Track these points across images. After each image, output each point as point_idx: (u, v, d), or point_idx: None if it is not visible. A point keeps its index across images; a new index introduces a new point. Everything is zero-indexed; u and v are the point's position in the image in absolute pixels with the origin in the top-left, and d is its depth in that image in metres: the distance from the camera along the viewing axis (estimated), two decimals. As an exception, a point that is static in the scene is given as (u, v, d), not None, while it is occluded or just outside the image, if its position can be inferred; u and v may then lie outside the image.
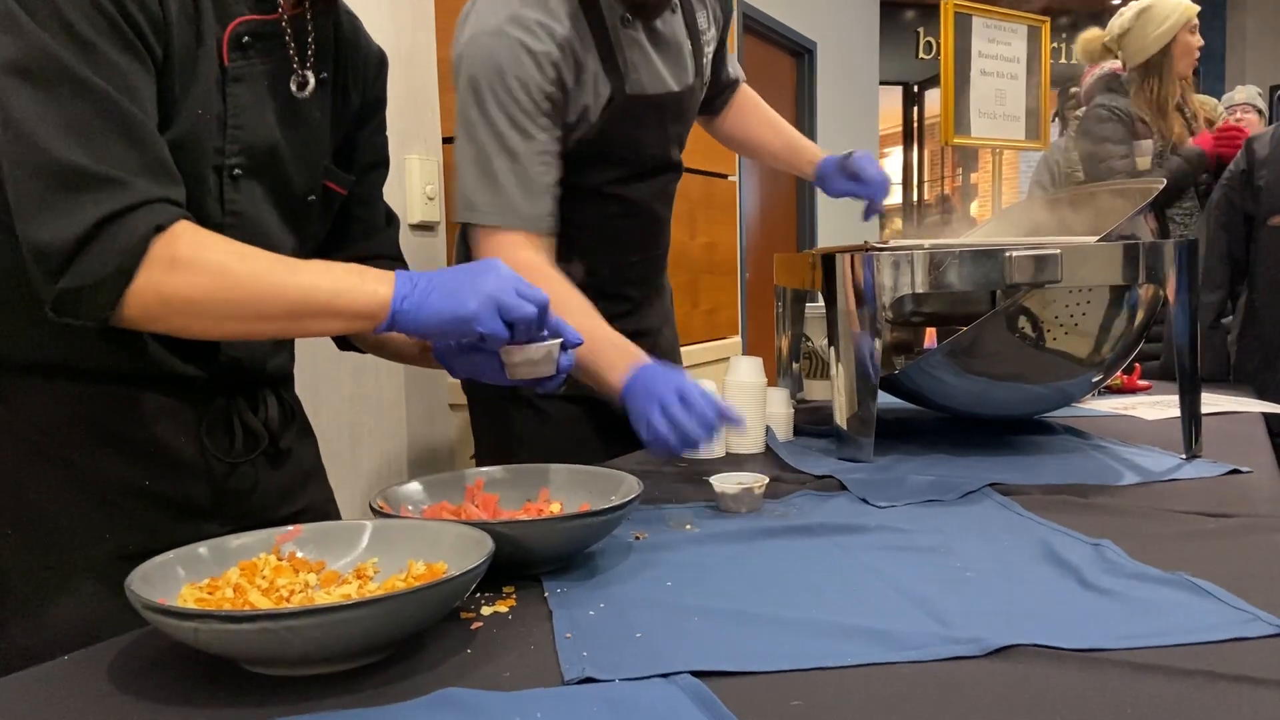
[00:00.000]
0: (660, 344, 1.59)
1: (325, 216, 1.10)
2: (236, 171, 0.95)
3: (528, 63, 1.28)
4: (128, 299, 0.81)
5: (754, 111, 1.82)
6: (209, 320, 0.85)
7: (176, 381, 0.97)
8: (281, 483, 1.07)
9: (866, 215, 1.72)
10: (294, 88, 0.99)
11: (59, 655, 0.72)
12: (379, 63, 1.15)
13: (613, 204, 1.44)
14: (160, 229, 0.81)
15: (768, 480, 1.11)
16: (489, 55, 1.28)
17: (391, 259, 1.20)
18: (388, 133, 1.20)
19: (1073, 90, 3.50)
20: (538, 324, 0.91)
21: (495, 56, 1.28)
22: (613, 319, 1.35)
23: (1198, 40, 2.87)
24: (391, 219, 1.22)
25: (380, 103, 1.16)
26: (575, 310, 1.31)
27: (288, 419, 1.10)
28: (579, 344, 1.04)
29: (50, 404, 0.92)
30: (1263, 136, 2.38)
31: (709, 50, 1.55)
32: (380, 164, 1.18)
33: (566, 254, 1.40)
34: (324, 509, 1.15)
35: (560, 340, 1.02)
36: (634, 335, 1.34)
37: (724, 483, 1.09)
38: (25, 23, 0.79)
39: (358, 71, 1.11)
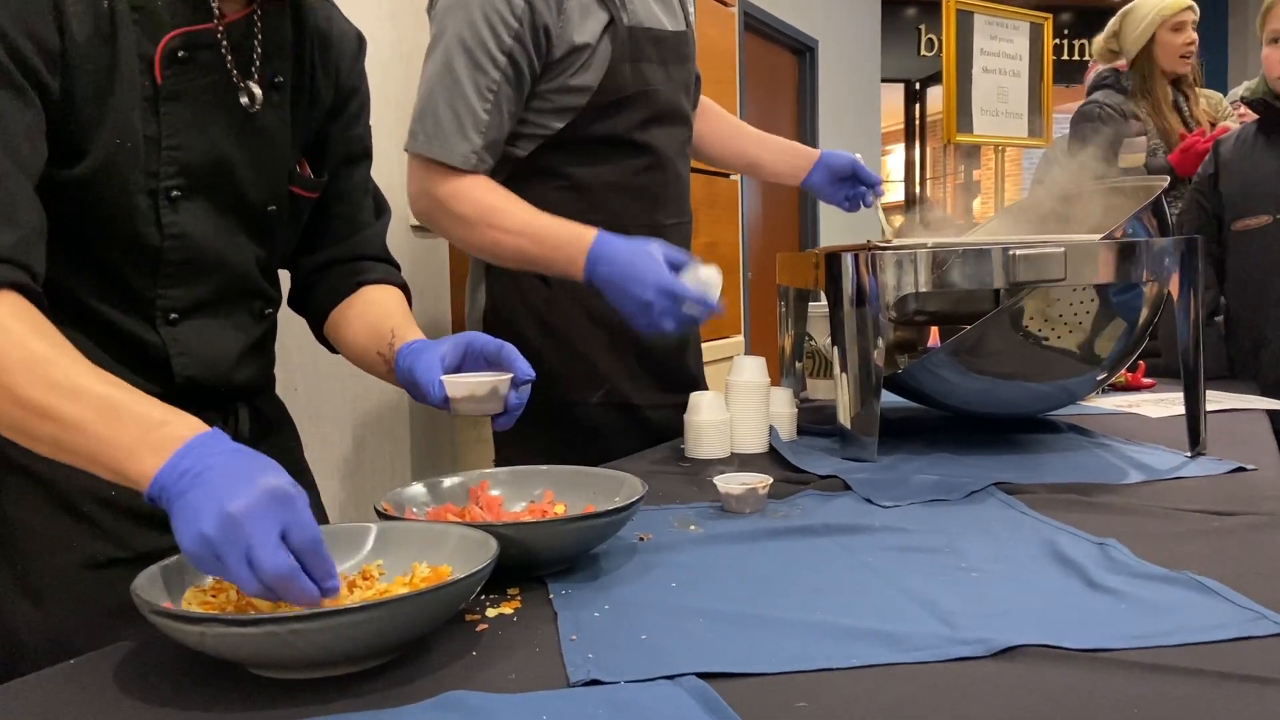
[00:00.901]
0: (694, 332, 1.61)
1: (293, 224, 1.07)
2: (175, 193, 0.91)
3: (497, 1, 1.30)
4: None
5: (730, 119, 1.82)
6: None
7: None
8: None
9: (868, 202, 1.73)
10: (244, 102, 0.94)
11: (24, 665, 0.70)
12: (355, 48, 1.10)
13: (642, 155, 1.45)
14: None
15: (772, 480, 1.11)
16: None
17: (376, 259, 1.15)
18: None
19: None
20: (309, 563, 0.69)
21: None
22: None
23: (1183, 38, 2.83)
24: (381, 212, 1.17)
25: (356, 91, 1.10)
26: (514, 210, 1.34)
27: (262, 431, 1.07)
28: (530, 379, 0.98)
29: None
30: (1228, 139, 2.37)
31: (689, 6, 1.57)
32: (358, 157, 1.13)
33: (607, 222, 1.41)
34: None
35: (509, 376, 0.97)
36: None
37: (728, 483, 1.09)
38: None
39: (329, 64, 1.06)
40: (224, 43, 0.93)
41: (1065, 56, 7.85)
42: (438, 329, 2.19)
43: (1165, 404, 1.71)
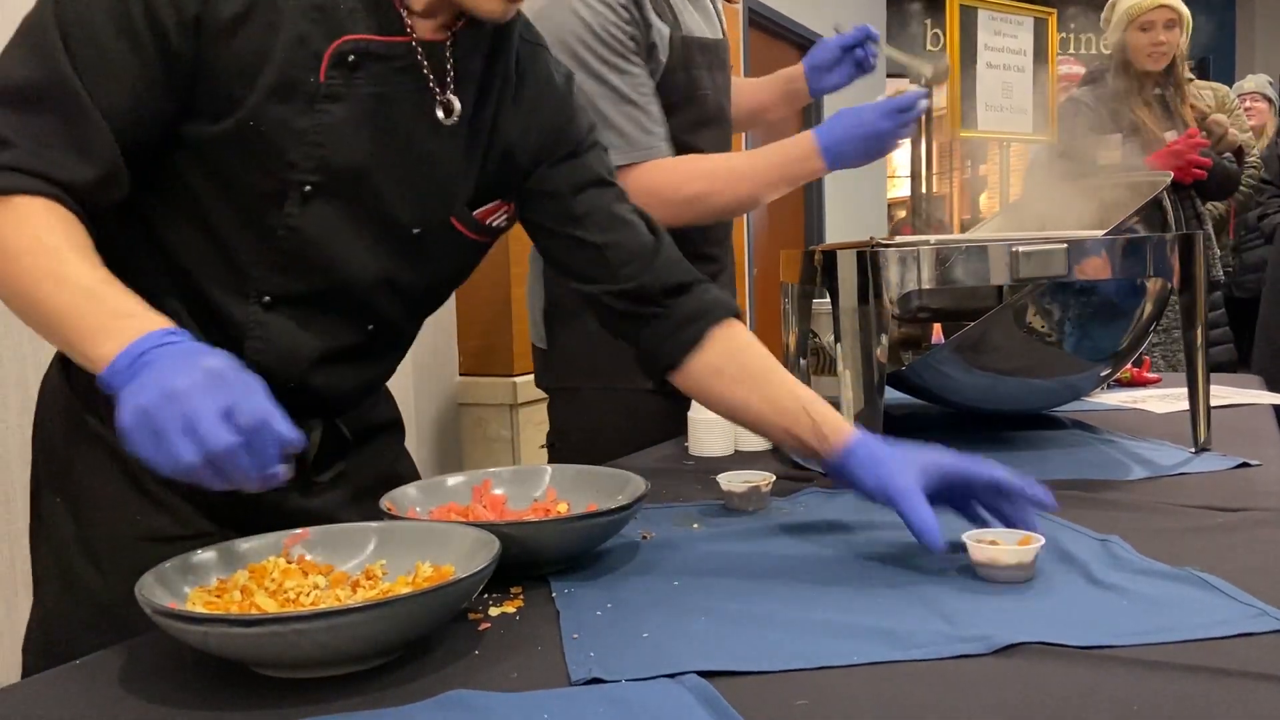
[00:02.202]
0: None
1: (450, 256, 1.03)
2: (307, 188, 0.91)
3: (601, 9, 1.40)
4: None
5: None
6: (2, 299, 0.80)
7: None
8: (317, 508, 1.02)
9: (873, 57, 1.81)
10: (440, 115, 0.94)
11: (77, 625, 0.73)
12: (563, 90, 1.06)
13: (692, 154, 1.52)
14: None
15: (774, 478, 1.11)
16: (568, 12, 1.39)
17: (689, 284, 1.06)
18: None
19: None
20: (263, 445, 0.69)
21: (574, 11, 1.39)
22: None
23: (1149, 38, 2.79)
24: (656, 230, 1.09)
25: (563, 131, 1.05)
26: (733, 158, 1.51)
27: (336, 450, 1.03)
28: (1051, 507, 0.89)
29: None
30: None
31: (722, 18, 1.64)
32: (590, 184, 1.07)
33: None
34: None
35: (1037, 545, 0.83)
36: None
37: (731, 481, 1.09)
38: None
39: (521, 106, 1.02)
40: (421, 57, 0.92)
41: (1071, 51, 7.82)
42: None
43: (1170, 399, 1.71)
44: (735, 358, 1.05)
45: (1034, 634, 0.70)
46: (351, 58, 0.89)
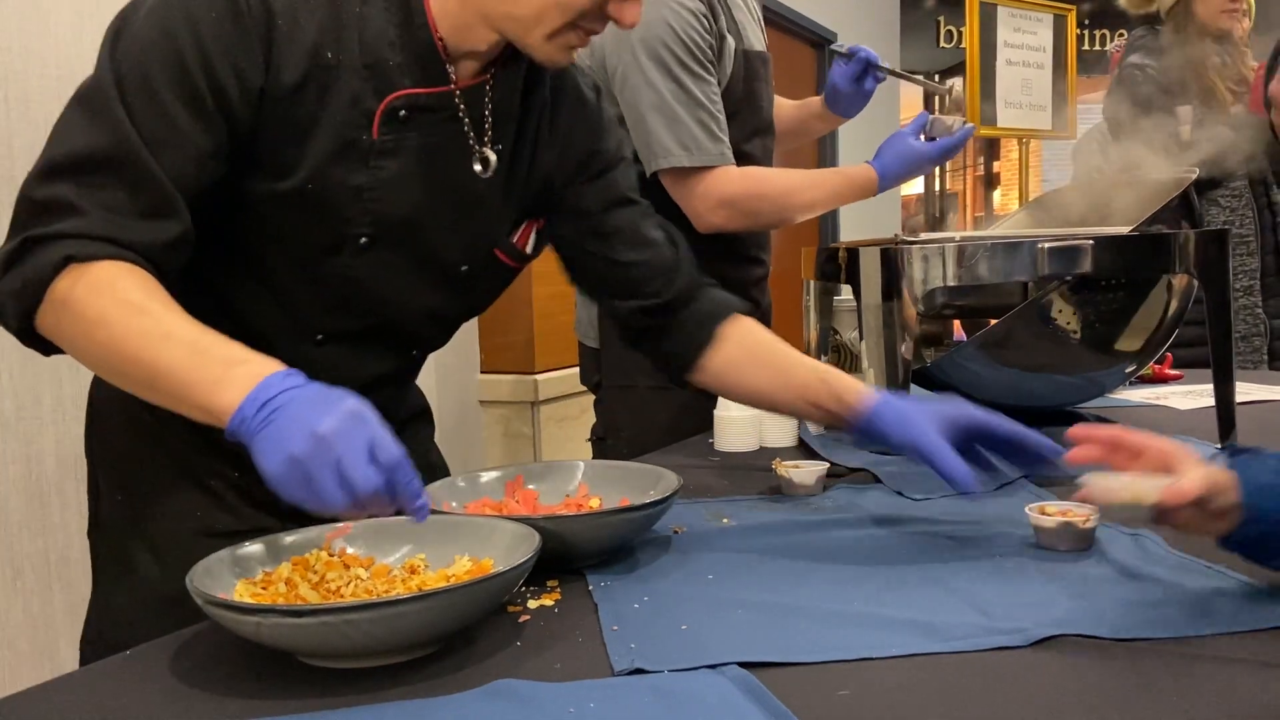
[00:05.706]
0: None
1: (491, 285, 1.06)
2: (363, 240, 0.92)
3: (688, 16, 1.49)
4: (39, 321, 0.80)
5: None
6: (89, 364, 0.82)
7: None
8: None
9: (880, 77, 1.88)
10: (477, 168, 0.95)
11: (139, 617, 0.77)
12: (595, 103, 1.07)
13: (745, 163, 1.59)
14: (70, 260, 0.78)
15: (829, 465, 1.19)
16: (657, 15, 1.47)
17: (698, 288, 1.09)
18: None
19: None
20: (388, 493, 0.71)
21: (662, 17, 1.47)
22: (754, 283, 1.69)
23: None
24: (676, 242, 1.11)
25: (597, 152, 1.06)
26: (797, 175, 1.61)
27: None
28: (1056, 456, 0.90)
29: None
30: None
31: (763, 27, 1.73)
32: (621, 202, 1.08)
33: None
34: None
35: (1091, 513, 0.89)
36: (767, 306, 1.66)
37: (792, 469, 1.14)
38: (105, 59, 0.81)
39: (558, 131, 1.03)
40: (461, 108, 0.93)
41: (1086, 47, 7.79)
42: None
43: (1193, 396, 1.71)
44: (747, 348, 1.09)
45: (1070, 626, 0.71)
46: (403, 113, 0.90)
